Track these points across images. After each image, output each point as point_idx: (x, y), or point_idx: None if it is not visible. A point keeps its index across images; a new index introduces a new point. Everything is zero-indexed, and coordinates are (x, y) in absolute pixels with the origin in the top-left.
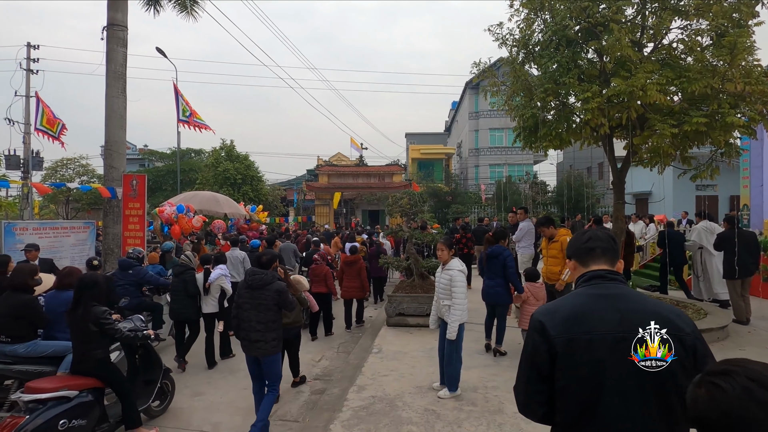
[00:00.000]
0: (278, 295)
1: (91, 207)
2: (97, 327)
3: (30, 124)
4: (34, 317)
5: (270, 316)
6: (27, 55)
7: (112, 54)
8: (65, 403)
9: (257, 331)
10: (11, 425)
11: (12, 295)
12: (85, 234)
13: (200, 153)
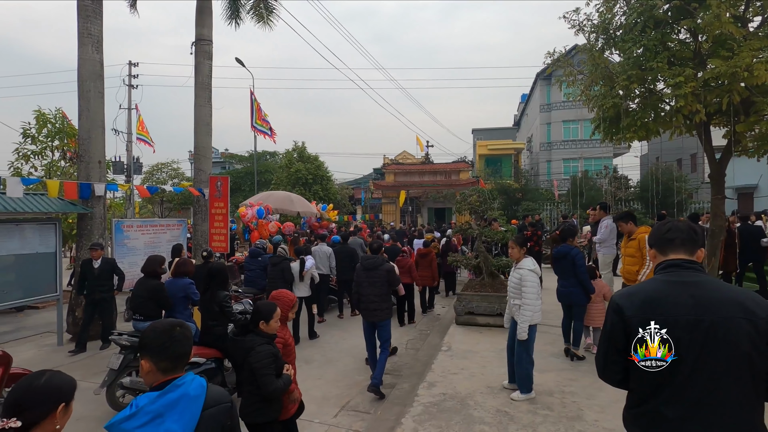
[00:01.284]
0: (387, 273)
1: (181, 206)
2: (219, 308)
3: (132, 134)
4: (162, 299)
5: (383, 290)
6: (129, 72)
7: (199, 67)
8: (196, 368)
9: (374, 302)
10: None
11: (145, 280)
12: (178, 231)
13: (275, 155)
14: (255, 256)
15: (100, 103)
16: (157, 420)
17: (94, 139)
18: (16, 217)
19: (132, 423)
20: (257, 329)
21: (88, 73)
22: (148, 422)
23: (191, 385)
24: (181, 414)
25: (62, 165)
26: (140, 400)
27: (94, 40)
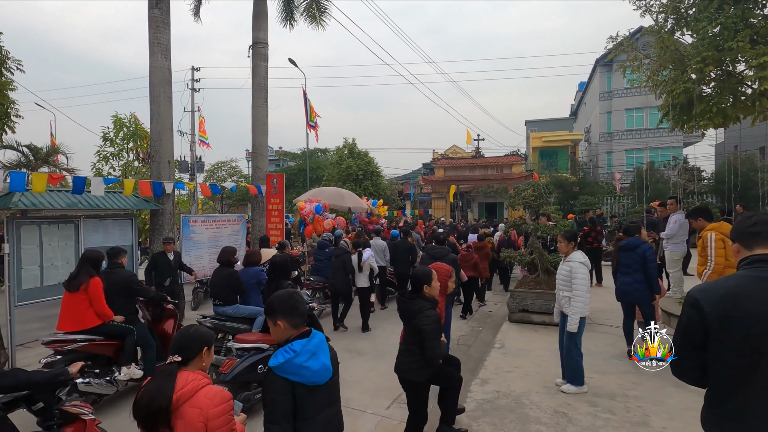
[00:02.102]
0: (453, 262)
1: (239, 203)
2: None
3: (195, 135)
4: (236, 287)
5: None
6: (192, 77)
7: (256, 69)
8: (261, 353)
9: None
10: (229, 364)
11: (221, 269)
12: (238, 225)
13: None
14: (323, 247)
15: (169, 107)
16: (314, 356)
17: (164, 140)
18: (98, 213)
19: (299, 359)
20: (421, 293)
21: (158, 80)
22: (309, 358)
23: (318, 334)
24: (324, 351)
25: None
26: (295, 346)
27: (162, 49)
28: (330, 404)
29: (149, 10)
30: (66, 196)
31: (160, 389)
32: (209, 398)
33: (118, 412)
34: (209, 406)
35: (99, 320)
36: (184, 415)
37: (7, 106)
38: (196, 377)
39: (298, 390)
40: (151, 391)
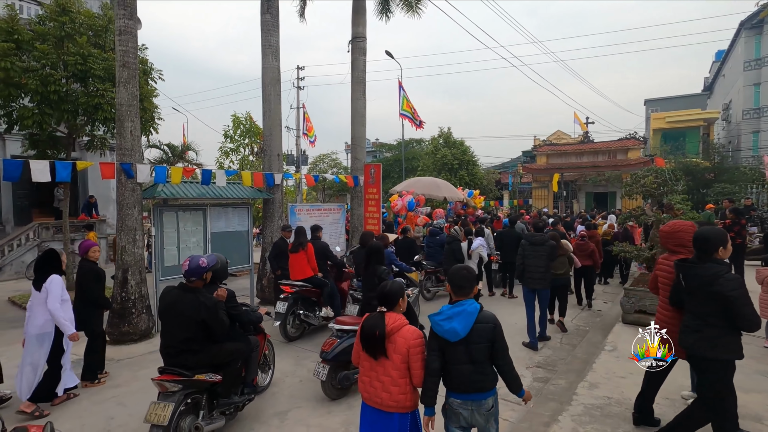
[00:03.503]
0: (551, 249)
1: (338, 193)
2: (378, 281)
3: (299, 130)
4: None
5: (545, 262)
6: (297, 76)
7: (355, 63)
8: None
9: (538, 272)
10: (330, 344)
11: (362, 249)
12: (338, 214)
13: (421, 142)
14: (434, 235)
15: (279, 104)
16: (449, 319)
17: (274, 135)
18: (220, 202)
19: (437, 317)
20: (714, 257)
21: (269, 79)
22: (444, 319)
23: (469, 307)
24: (461, 319)
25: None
26: (444, 308)
27: (273, 50)
28: (464, 363)
29: (261, 15)
30: (196, 187)
31: (377, 324)
32: (410, 333)
33: None
34: (411, 337)
35: (311, 273)
36: (394, 341)
37: (152, 111)
38: (399, 317)
39: (441, 339)
40: (371, 326)
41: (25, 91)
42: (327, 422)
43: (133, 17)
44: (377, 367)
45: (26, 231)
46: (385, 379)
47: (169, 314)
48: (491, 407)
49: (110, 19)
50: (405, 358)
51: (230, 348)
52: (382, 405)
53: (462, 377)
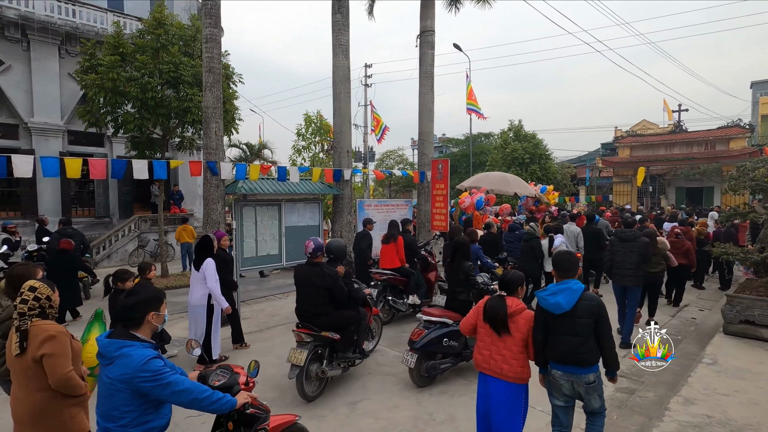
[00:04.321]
0: (644, 246)
1: (404, 189)
2: (464, 276)
3: (367, 127)
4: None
5: (636, 258)
6: (364, 73)
7: (423, 57)
8: (445, 327)
9: (628, 269)
10: (418, 333)
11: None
12: (405, 209)
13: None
14: (513, 230)
15: (348, 102)
16: (553, 294)
17: (344, 132)
18: (293, 197)
19: (543, 293)
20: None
21: (339, 78)
22: (549, 294)
23: (574, 285)
24: (565, 295)
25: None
26: (550, 286)
27: (343, 49)
28: (567, 335)
29: (332, 15)
30: (272, 183)
31: (500, 306)
32: (529, 315)
33: None
34: (531, 318)
35: (399, 263)
36: (516, 321)
37: (233, 113)
38: (519, 302)
39: (546, 312)
40: (494, 307)
41: (128, 98)
42: (395, 416)
43: (217, 26)
44: (498, 342)
45: (129, 223)
46: (505, 353)
47: (303, 285)
48: (592, 382)
49: (198, 29)
50: (525, 336)
51: (347, 315)
52: (502, 375)
53: (564, 348)
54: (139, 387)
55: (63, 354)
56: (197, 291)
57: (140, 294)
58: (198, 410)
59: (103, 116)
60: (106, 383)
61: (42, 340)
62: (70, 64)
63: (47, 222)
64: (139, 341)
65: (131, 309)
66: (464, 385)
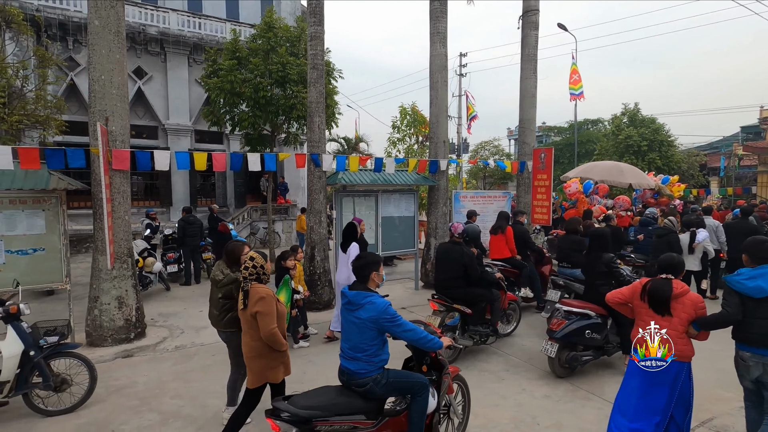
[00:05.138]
0: None
1: (500, 181)
2: (606, 269)
3: (461, 118)
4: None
5: None
6: (459, 63)
7: (526, 39)
8: (587, 319)
9: None
10: (558, 323)
11: (569, 236)
12: (503, 201)
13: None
14: (645, 225)
15: (445, 91)
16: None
17: (440, 122)
18: (388, 188)
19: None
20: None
21: (437, 66)
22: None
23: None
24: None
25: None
26: (743, 270)
27: (441, 37)
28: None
29: (430, 3)
30: (369, 174)
31: (665, 288)
32: (697, 297)
33: None
34: (698, 301)
35: (509, 254)
36: (683, 301)
37: (333, 107)
38: (683, 285)
39: (743, 296)
40: (659, 289)
41: (243, 98)
42: (493, 414)
43: (321, 24)
44: (662, 322)
45: (242, 212)
46: (670, 333)
47: (443, 260)
48: None
49: (303, 30)
50: (691, 317)
51: (478, 292)
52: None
53: (761, 331)
54: (382, 326)
55: (270, 313)
56: (345, 271)
57: (366, 258)
58: (418, 346)
59: (222, 116)
60: (356, 323)
61: (256, 300)
62: (196, 71)
63: (216, 210)
64: (374, 293)
65: (360, 269)
66: (570, 391)
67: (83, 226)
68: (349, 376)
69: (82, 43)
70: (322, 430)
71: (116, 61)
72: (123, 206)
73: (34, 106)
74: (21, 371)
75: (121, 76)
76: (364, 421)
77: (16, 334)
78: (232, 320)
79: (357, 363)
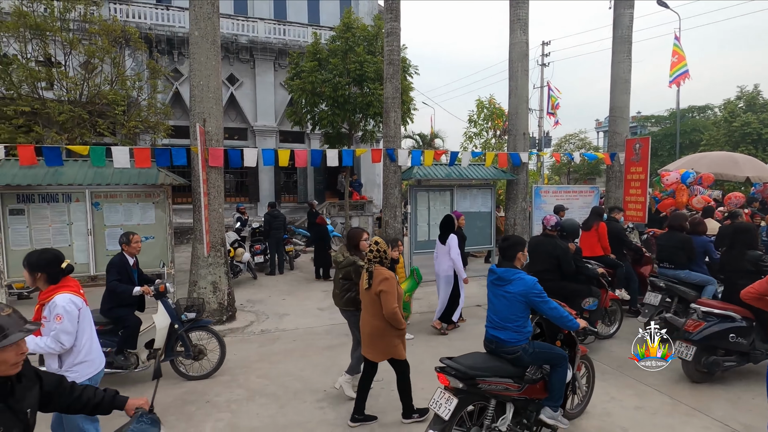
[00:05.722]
0: None
1: (586, 177)
2: (754, 267)
3: (543, 110)
4: (690, 252)
5: None
6: (542, 52)
7: (619, 19)
8: (731, 322)
9: None
10: (695, 325)
11: (673, 234)
12: (590, 197)
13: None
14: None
15: (526, 80)
16: None
17: (520, 114)
18: (463, 183)
19: None
20: None
21: (517, 55)
22: None
23: None
24: None
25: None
26: None
27: (521, 24)
28: None
29: None
30: (444, 168)
31: None
32: None
33: None
34: None
35: (601, 252)
36: None
37: (409, 103)
38: None
39: None
40: None
41: (323, 97)
42: (578, 421)
43: (397, 19)
44: None
45: (321, 208)
46: None
47: (534, 252)
48: None
49: (379, 28)
50: None
51: (572, 287)
52: None
53: None
54: (531, 300)
55: (392, 293)
56: (444, 262)
57: (512, 239)
58: (559, 324)
59: (304, 115)
60: (506, 296)
61: (380, 280)
62: (281, 75)
63: (315, 206)
64: (521, 270)
65: (507, 249)
66: (669, 405)
67: (184, 219)
68: (498, 343)
69: (185, 55)
70: (483, 387)
71: (212, 67)
72: (217, 200)
73: (147, 112)
74: (168, 341)
75: (216, 81)
76: (513, 384)
77: (164, 309)
78: (350, 300)
79: (506, 332)
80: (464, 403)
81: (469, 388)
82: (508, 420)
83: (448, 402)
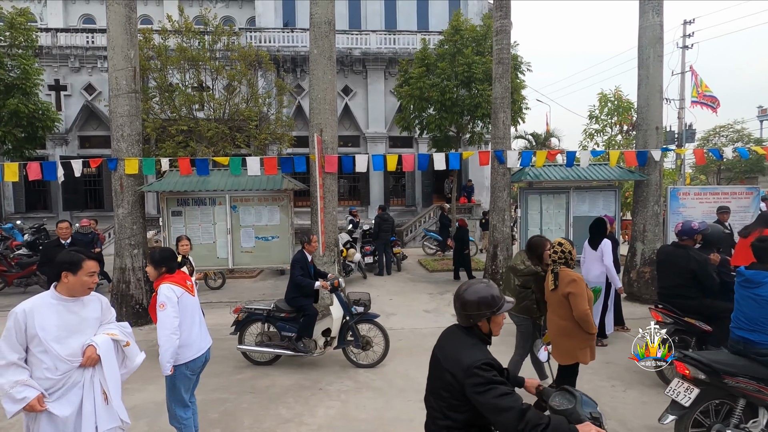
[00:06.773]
0: None
1: (744, 176)
2: None
3: (684, 100)
4: None
5: None
6: (683, 33)
7: None
8: None
9: None
10: None
11: None
12: (747, 200)
13: None
14: None
15: (659, 67)
16: None
17: (651, 105)
18: (582, 185)
19: None
20: None
21: (648, 40)
22: None
23: None
24: None
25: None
26: None
27: (654, 5)
28: None
29: None
30: (559, 170)
31: None
32: None
33: None
34: None
35: None
36: None
37: (520, 102)
38: None
39: None
40: None
41: (431, 102)
42: None
43: (508, 16)
44: None
45: (429, 211)
46: None
47: (663, 263)
48: None
49: (488, 27)
50: None
51: (716, 305)
52: None
53: None
54: None
55: (582, 295)
56: (595, 269)
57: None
58: None
59: (412, 120)
60: (756, 299)
61: (567, 282)
62: (391, 83)
63: (446, 210)
64: None
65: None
66: None
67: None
68: (747, 345)
69: (306, 71)
70: (729, 383)
71: (328, 81)
72: (332, 203)
73: (275, 125)
74: (340, 331)
75: (331, 94)
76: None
77: (338, 302)
78: (526, 308)
79: (758, 335)
80: (705, 396)
81: (713, 380)
82: (762, 425)
83: (687, 391)
